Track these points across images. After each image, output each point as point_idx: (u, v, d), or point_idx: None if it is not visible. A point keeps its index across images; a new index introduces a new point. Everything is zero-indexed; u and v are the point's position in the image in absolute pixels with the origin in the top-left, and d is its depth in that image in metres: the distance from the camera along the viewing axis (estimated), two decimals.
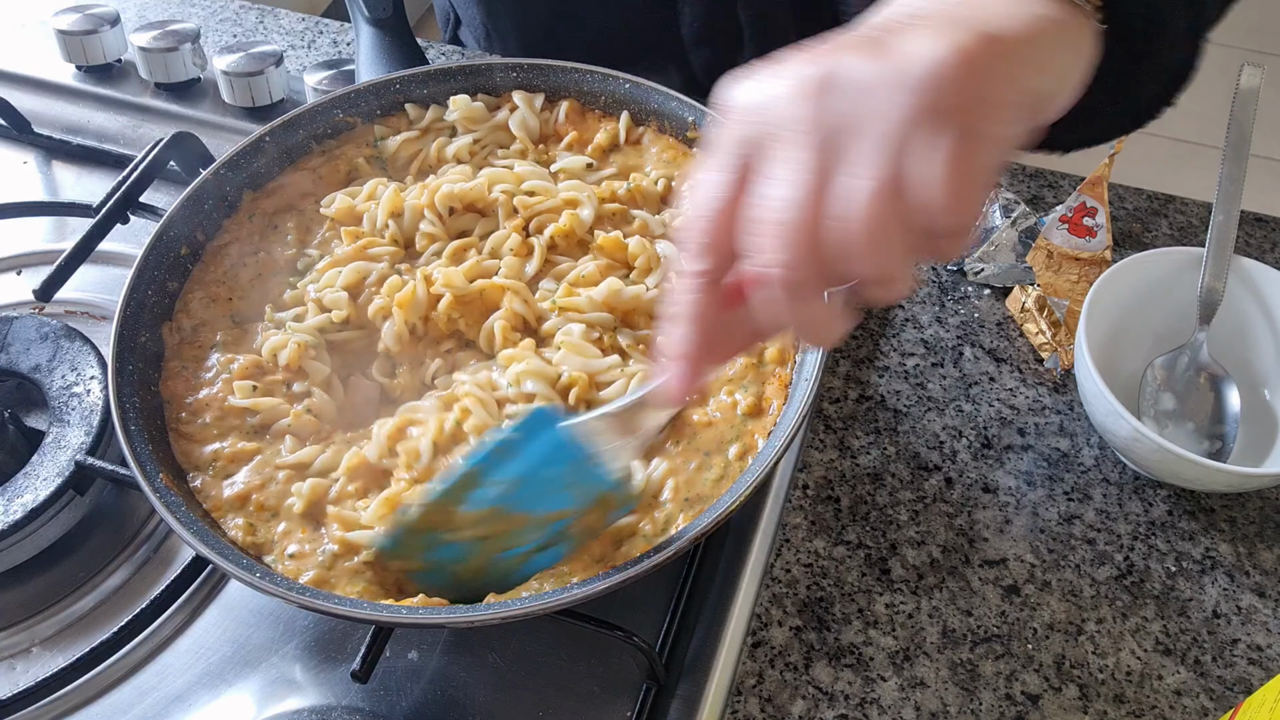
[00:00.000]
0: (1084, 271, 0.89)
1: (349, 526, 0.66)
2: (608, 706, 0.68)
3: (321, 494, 0.68)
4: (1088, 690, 0.70)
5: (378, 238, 0.79)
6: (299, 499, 0.67)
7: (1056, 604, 0.74)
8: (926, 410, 0.84)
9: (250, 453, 0.70)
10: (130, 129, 1.05)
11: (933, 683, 0.70)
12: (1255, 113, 0.84)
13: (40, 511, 0.73)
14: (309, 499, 0.67)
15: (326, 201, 0.81)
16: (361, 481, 0.68)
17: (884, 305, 0.88)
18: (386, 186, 0.80)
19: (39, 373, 0.79)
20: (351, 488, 0.68)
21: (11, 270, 0.94)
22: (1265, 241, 0.95)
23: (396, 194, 0.79)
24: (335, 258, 0.78)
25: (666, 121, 0.84)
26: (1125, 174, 0.95)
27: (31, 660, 0.71)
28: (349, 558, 0.65)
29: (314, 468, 0.69)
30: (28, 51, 1.11)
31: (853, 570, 0.75)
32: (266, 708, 0.68)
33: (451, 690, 0.69)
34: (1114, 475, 0.80)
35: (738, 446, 0.68)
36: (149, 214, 0.88)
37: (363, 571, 0.65)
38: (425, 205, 0.79)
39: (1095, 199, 0.92)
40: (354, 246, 0.78)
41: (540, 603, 0.59)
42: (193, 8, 1.19)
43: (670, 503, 0.66)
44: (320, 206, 0.81)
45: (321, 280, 0.77)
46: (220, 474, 0.69)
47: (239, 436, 0.70)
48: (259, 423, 0.71)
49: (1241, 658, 0.71)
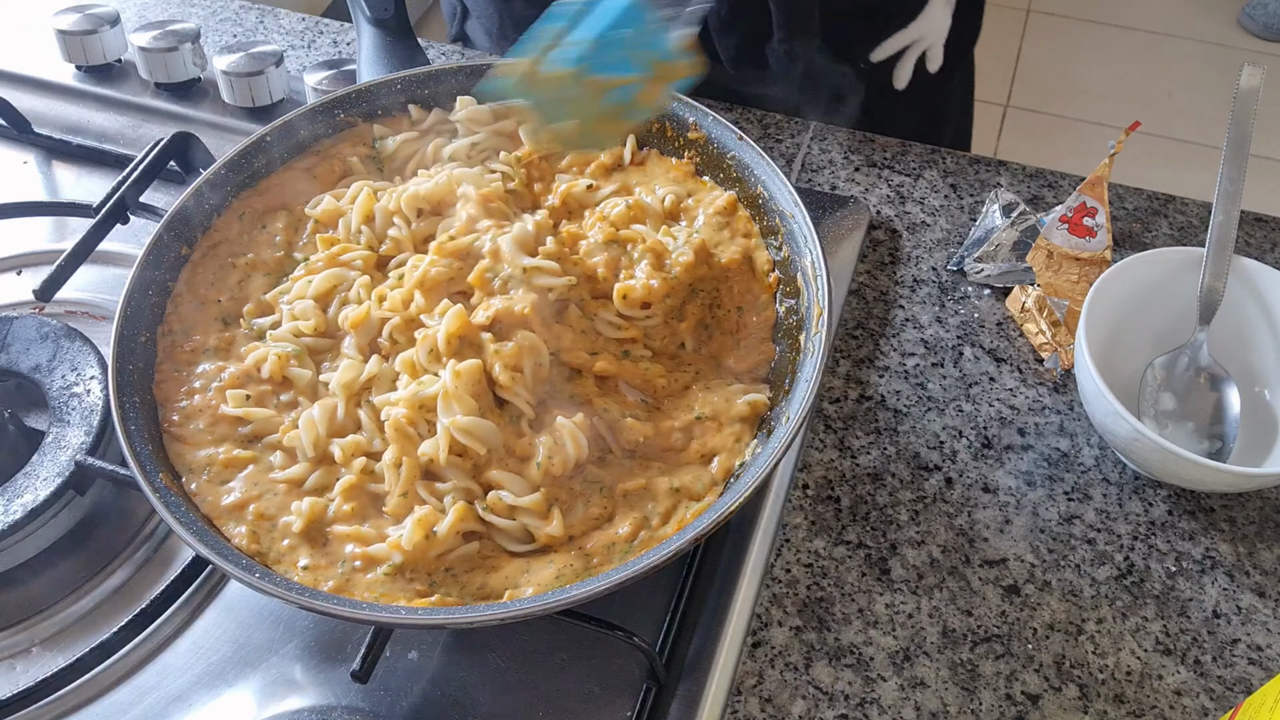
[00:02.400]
0: (1084, 271, 0.89)
1: (367, 543, 0.66)
2: (608, 706, 0.68)
3: (320, 513, 0.67)
4: (1088, 690, 0.70)
5: (352, 243, 0.78)
6: (298, 518, 0.66)
7: (1056, 604, 0.74)
8: (926, 410, 0.84)
9: (245, 460, 0.69)
10: (130, 129, 1.05)
11: (933, 683, 0.70)
12: (1255, 113, 0.84)
13: (40, 511, 0.73)
14: (308, 518, 0.66)
15: (313, 203, 0.81)
16: (357, 502, 0.67)
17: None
18: (365, 188, 0.80)
19: (39, 373, 0.79)
20: (348, 508, 0.67)
21: (11, 270, 0.94)
22: (1265, 241, 0.95)
23: (370, 197, 0.79)
24: (309, 265, 0.77)
25: (667, 122, 0.84)
26: (1125, 174, 0.95)
27: (31, 660, 0.71)
28: (370, 570, 0.65)
29: (309, 485, 0.68)
30: (28, 51, 1.11)
31: (853, 570, 0.75)
32: (266, 708, 0.68)
33: (452, 690, 0.69)
34: (1114, 475, 0.80)
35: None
36: (149, 214, 0.88)
37: (384, 582, 0.64)
38: (393, 210, 0.78)
39: (1095, 199, 0.92)
40: (327, 254, 0.77)
41: (540, 603, 0.59)
42: (193, 8, 1.19)
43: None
44: (307, 207, 0.81)
45: (293, 290, 0.76)
46: (216, 479, 0.68)
47: (233, 444, 0.70)
48: (251, 433, 0.71)
49: (1241, 658, 0.71)
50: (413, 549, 0.64)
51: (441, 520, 0.65)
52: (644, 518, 0.67)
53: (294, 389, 0.72)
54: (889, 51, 1.06)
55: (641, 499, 0.68)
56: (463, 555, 0.66)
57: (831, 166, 1.01)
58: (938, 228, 0.96)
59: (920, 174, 1.01)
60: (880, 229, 0.96)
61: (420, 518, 0.65)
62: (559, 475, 0.68)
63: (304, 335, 0.74)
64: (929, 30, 1.06)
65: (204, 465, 0.69)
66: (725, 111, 1.04)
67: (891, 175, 1.01)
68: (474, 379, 0.69)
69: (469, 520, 0.66)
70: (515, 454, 0.69)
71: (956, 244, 0.95)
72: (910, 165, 1.02)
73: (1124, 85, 2.96)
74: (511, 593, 0.64)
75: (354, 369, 0.71)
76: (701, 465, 0.70)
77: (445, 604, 0.63)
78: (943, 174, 1.01)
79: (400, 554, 0.64)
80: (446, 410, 0.68)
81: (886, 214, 0.98)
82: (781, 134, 1.04)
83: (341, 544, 0.66)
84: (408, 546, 0.64)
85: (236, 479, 0.69)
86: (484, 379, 0.69)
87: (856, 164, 1.02)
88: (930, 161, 1.02)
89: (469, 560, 0.66)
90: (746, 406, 0.72)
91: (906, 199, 0.99)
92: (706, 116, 0.82)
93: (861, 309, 0.90)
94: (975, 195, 0.99)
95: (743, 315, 0.78)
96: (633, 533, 0.66)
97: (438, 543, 0.65)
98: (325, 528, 0.67)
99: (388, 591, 0.64)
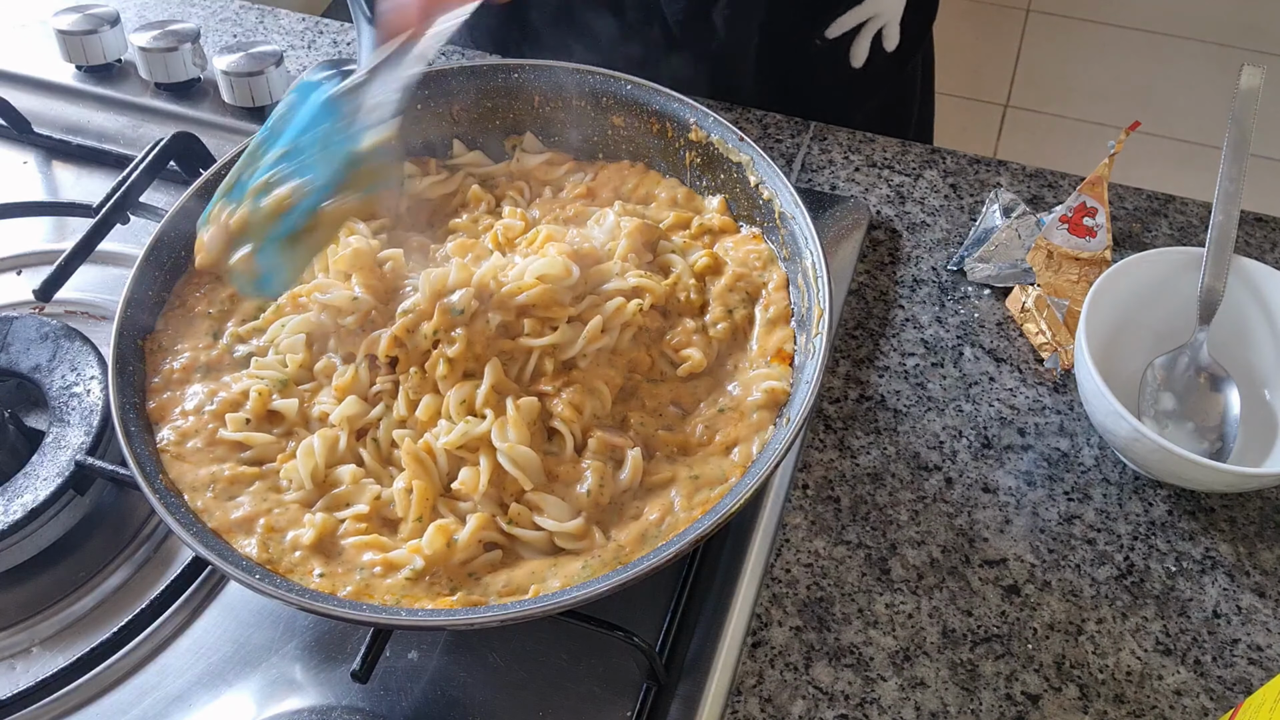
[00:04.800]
0: (1084, 271, 0.89)
1: (385, 550, 0.65)
2: (608, 706, 0.68)
3: (333, 528, 0.66)
4: (1088, 690, 0.70)
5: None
6: (311, 529, 0.66)
7: (1056, 604, 0.74)
8: (926, 410, 0.84)
9: (250, 476, 0.69)
10: (130, 129, 1.05)
11: (933, 683, 0.70)
12: (1255, 113, 0.84)
13: (40, 511, 0.73)
14: (320, 532, 0.66)
15: (325, 289, 0.77)
16: (370, 523, 0.67)
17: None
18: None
19: (39, 373, 0.79)
20: (362, 525, 0.67)
21: (11, 270, 0.94)
22: (1265, 241, 0.95)
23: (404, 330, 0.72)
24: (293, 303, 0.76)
25: (668, 122, 0.84)
26: (1125, 174, 0.95)
27: (31, 660, 0.71)
28: (390, 575, 0.64)
29: (320, 505, 0.68)
30: (28, 51, 1.11)
31: (853, 570, 0.75)
32: (266, 708, 0.68)
33: (451, 690, 0.69)
34: (1114, 475, 0.80)
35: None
36: (149, 214, 0.88)
37: (406, 586, 0.64)
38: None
39: (1095, 199, 0.92)
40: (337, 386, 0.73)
41: (541, 604, 0.59)
42: (193, 8, 1.19)
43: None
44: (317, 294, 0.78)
45: (270, 332, 0.75)
46: (222, 495, 0.68)
47: (236, 463, 0.69)
48: (252, 458, 0.70)
49: (1241, 658, 0.71)
50: (433, 554, 0.64)
51: (461, 530, 0.65)
52: (669, 503, 0.67)
53: (285, 421, 0.72)
54: (844, 28, 1.07)
55: (665, 487, 0.69)
56: (486, 561, 0.66)
57: (831, 166, 1.01)
58: (938, 228, 0.96)
59: (920, 174, 1.01)
60: (880, 229, 0.96)
61: (441, 525, 0.65)
62: (606, 505, 0.68)
63: (287, 367, 0.73)
64: (884, 7, 1.07)
65: (207, 482, 0.68)
66: (725, 112, 1.04)
67: (891, 175, 1.01)
68: (532, 414, 0.69)
69: (490, 530, 0.66)
70: (558, 479, 0.68)
71: (956, 244, 0.95)
72: (910, 165, 1.02)
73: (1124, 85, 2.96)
74: (537, 588, 0.64)
75: (357, 404, 0.71)
76: (723, 455, 0.70)
77: (469, 603, 0.62)
78: (943, 174, 1.01)
79: (421, 558, 0.64)
80: (501, 436, 0.67)
81: (886, 214, 0.98)
82: (781, 134, 1.04)
83: (359, 552, 0.65)
84: (429, 551, 0.64)
85: (244, 494, 0.68)
86: (540, 411, 0.70)
87: (856, 164, 1.02)
88: (930, 161, 1.02)
89: (492, 564, 0.66)
90: (764, 395, 0.72)
91: (906, 199, 0.99)
92: (707, 118, 0.82)
93: (861, 309, 0.90)
94: (975, 195, 0.99)
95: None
96: (660, 519, 0.67)
97: (458, 549, 0.64)
98: (338, 540, 0.66)
99: (410, 594, 0.63)
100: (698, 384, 0.74)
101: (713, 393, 0.74)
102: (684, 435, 0.71)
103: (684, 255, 0.79)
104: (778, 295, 0.78)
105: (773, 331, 0.76)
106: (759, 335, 0.76)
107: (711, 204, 0.84)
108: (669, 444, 0.71)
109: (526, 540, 0.66)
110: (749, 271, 0.79)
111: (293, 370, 0.73)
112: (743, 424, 0.71)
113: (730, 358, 0.75)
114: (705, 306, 0.77)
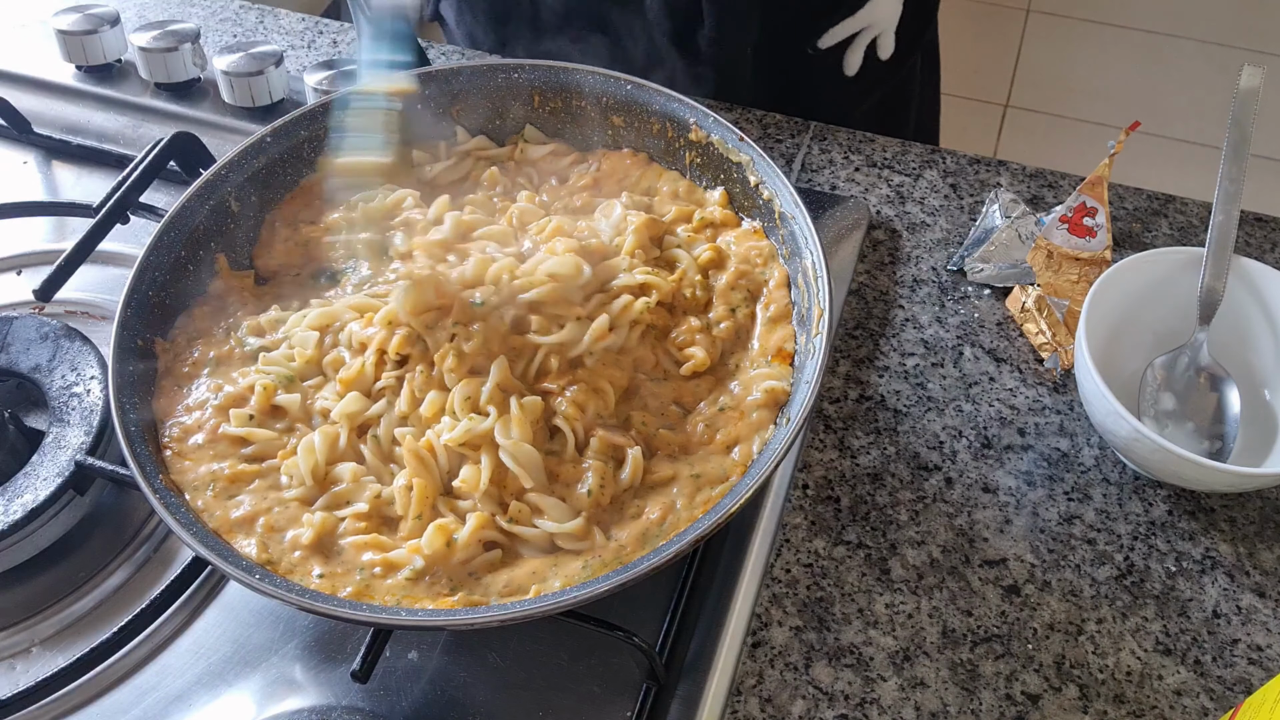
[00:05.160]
0: (1084, 271, 0.89)
1: (385, 549, 0.65)
2: (608, 706, 0.68)
3: (332, 527, 0.66)
4: (1088, 690, 0.70)
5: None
6: (310, 529, 0.66)
7: (1056, 604, 0.74)
8: (926, 410, 0.84)
9: (250, 475, 0.69)
10: (130, 129, 1.05)
11: (933, 683, 0.70)
12: (1255, 113, 0.84)
13: (40, 511, 0.73)
14: (319, 531, 0.66)
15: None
16: (369, 522, 0.67)
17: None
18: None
19: (39, 373, 0.79)
20: (361, 524, 0.67)
21: (11, 270, 0.94)
22: (1265, 241, 0.95)
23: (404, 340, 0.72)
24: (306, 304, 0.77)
25: (668, 123, 0.84)
26: (1125, 174, 0.95)
27: (31, 660, 0.71)
28: (390, 575, 0.64)
29: (320, 504, 0.68)
30: (28, 51, 1.11)
31: (853, 570, 0.75)
32: (266, 708, 0.68)
33: (451, 690, 0.69)
34: (1114, 475, 0.80)
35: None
36: (149, 214, 0.88)
37: (406, 586, 0.64)
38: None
39: (1095, 199, 0.92)
40: (341, 380, 0.72)
41: (541, 604, 0.59)
42: (193, 8, 1.19)
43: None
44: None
45: (288, 323, 0.75)
46: (222, 494, 0.68)
47: (237, 460, 0.69)
48: (254, 454, 0.70)
49: (1241, 658, 0.71)
50: (433, 553, 0.64)
51: (460, 529, 0.65)
52: (670, 502, 0.67)
53: (288, 416, 0.72)
54: (836, 38, 1.06)
55: (667, 485, 0.69)
56: (485, 561, 0.66)
57: (831, 166, 1.01)
58: (938, 228, 0.96)
59: (920, 174, 1.01)
60: (880, 229, 0.96)
61: (440, 524, 0.65)
62: (607, 505, 0.68)
63: (294, 361, 0.73)
64: (879, 17, 1.06)
65: (207, 481, 0.68)
66: (725, 112, 1.04)
67: (891, 175, 1.01)
68: (535, 413, 0.69)
69: (489, 529, 0.66)
70: (559, 478, 0.68)
71: (956, 244, 0.95)
72: (910, 165, 1.02)
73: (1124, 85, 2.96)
74: (538, 588, 0.64)
75: (358, 401, 0.71)
76: (724, 454, 0.70)
77: (469, 603, 0.62)
78: (943, 174, 1.01)
79: (421, 558, 0.64)
80: (504, 433, 0.67)
81: (886, 214, 0.98)
82: (781, 134, 1.04)
83: (358, 552, 0.65)
84: (428, 551, 0.64)
85: (244, 493, 0.68)
86: (543, 410, 0.70)
87: (856, 164, 1.02)
88: (930, 161, 1.02)
89: (492, 564, 0.66)
90: (764, 394, 0.72)
91: (906, 199, 0.99)
92: (707, 118, 0.82)
93: (861, 309, 0.90)
94: (975, 195, 0.99)
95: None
96: (662, 517, 0.67)
97: (457, 549, 0.64)
98: (337, 540, 0.66)
99: (410, 594, 0.63)
100: (699, 383, 0.74)
101: (714, 391, 0.74)
102: (685, 434, 0.71)
103: (689, 249, 0.79)
104: (779, 293, 0.78)
105: (774, 330, 0.76)
106: (760, 334, 0.76)
107: (713, 196, 0.83)
108: (670, 443, 0.71)
109: (527, 538, 0.66)
110: (751, 269, 0.79)
111: (300, 365, 0.73)
112: (743, 423, 0.71)
113: (732, 356, 0.75)
114: (709, 304, 0.77)
